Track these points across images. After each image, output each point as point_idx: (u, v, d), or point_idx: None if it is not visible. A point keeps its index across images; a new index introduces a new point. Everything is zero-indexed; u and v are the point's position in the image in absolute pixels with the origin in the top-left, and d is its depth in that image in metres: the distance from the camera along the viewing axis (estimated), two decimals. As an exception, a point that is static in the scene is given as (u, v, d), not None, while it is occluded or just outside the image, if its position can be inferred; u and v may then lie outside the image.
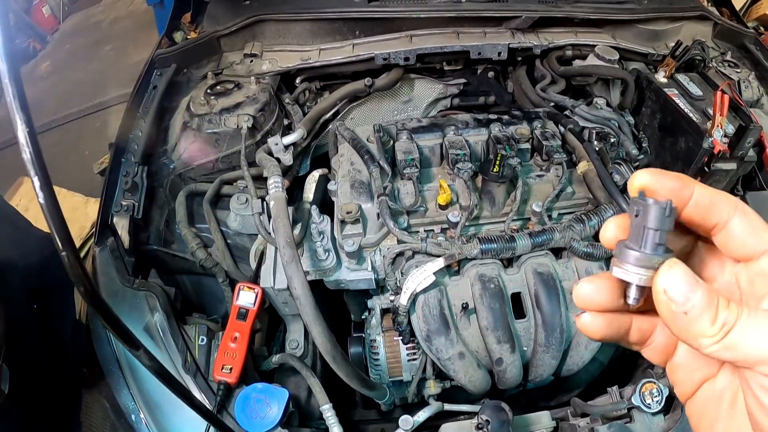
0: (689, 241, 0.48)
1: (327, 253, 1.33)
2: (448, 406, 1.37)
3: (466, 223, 1.32)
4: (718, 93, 1.48)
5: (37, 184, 0.54)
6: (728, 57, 2.02)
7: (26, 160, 0.54)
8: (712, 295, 0.39)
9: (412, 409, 1.32)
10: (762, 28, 3.95)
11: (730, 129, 1.50)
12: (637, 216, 0.42)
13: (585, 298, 0.47)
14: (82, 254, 2.44)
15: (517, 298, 1.31)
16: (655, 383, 1.23)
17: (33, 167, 0.54)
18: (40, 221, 1.37)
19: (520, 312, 1.32)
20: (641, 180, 0.43)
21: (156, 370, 0.74)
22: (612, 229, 0.46)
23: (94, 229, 1.48)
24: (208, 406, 1.20)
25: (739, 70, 1.94)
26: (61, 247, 0.54)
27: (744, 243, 0.43)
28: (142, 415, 1.24)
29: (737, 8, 2.42)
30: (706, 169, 1.52)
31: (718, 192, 0.43)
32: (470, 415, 1.35)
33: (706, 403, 0.46)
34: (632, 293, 0.44)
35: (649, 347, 0.50)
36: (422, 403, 1.41)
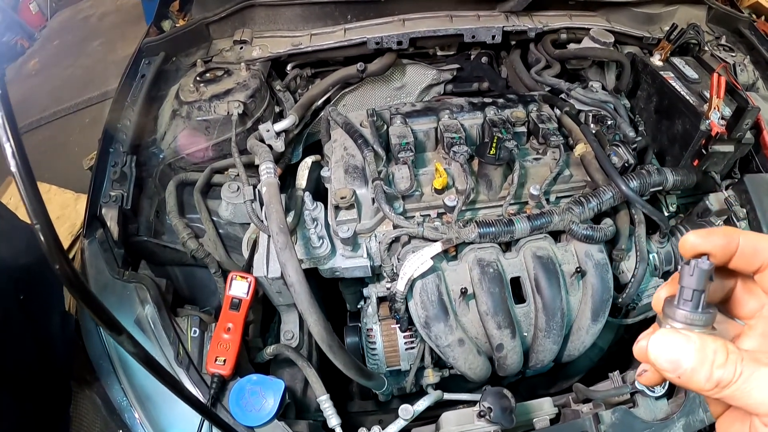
0: (733, 282, 0.52)
1: (321, 240, 1.29)
2: (447, 395, 1.35)
3: (463, 208, 1.29)
4: (715, 75, 1.46)
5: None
6: (723, 41, 2.00)
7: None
8: (706, 354, 0.42)
9: (410, 399, 1.29)
10: (754, 16, 3.95)
11: (727, 111, 1.47)
12: (690, 275, 0.45)
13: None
14: (72, 253, 2.39)
15: (516, 282, 1.29)
16: (658, 366, 1.21)
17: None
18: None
19: (519, 297, 1.29)
20: (692, 241, 0.48)
21: (141, 358, 0.70)
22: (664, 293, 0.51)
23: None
24: (201, 399, 1.17)
25: (734, 54, 1.92)
26: (35, 218, 0.50)
27: None
28: (134, 412, 1.21)
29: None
30: (703, 151, 1.49)
31: (761, 237, 0.48)
32: (470, 404, 1.33)
33: (733, 422, 0.49)
34: None
35: None
36: (421, 393, 1.38)
